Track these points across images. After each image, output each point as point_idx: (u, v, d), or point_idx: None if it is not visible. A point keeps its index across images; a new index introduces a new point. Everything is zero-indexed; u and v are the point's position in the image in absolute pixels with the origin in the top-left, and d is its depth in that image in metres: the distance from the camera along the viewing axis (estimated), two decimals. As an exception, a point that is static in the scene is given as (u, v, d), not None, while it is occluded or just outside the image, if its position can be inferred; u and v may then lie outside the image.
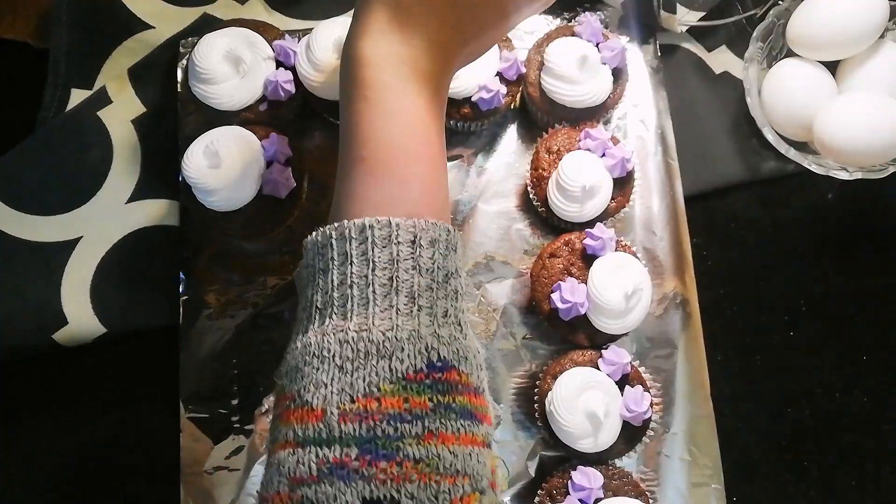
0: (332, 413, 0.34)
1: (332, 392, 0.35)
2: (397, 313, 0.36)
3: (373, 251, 0.37)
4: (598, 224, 0.59)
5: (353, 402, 0.34)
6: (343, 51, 0.42)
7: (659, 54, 0.67)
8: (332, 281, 0.38)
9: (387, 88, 0.40)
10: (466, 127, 0.63)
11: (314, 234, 0.39)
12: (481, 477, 0.35)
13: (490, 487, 0.36)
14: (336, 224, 0.38)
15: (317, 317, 0.38)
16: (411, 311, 0.37)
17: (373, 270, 0.37)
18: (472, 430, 0.36)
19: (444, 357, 0.36)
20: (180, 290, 0.62)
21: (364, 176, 0.40)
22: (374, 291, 0.37)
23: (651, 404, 0.56)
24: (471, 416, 0.36)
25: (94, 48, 0.67)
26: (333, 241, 0.38)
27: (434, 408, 0.35)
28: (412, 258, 0.37)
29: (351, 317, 0.36)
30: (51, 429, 0.62)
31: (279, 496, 0.34)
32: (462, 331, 0.38)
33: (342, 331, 0.36)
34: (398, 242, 0.37)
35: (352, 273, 0.37)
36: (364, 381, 0.35)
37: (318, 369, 0.36)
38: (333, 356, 0.35)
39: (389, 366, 0.35)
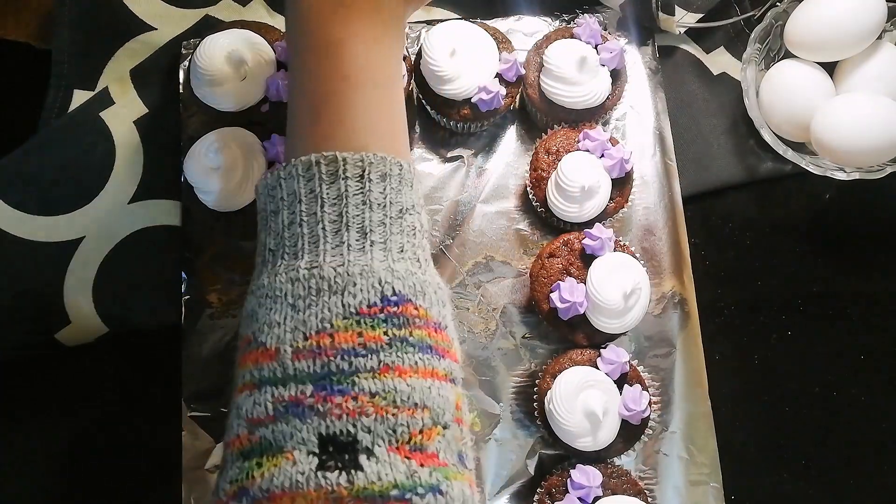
0: (285, 351, 0.34)
1: (284, 331, 0.34)
2: (349, 249, 0.36)
3: (320, 187, 0.36)
4: (596, 224, 0.59)
5: (305, 339, 0.34)
6: None
7: (657, 56, 0.67)
8: (283, 221, 0.37)
9: (327, 19, 0.39)
10: (466, 128, 0.64)
11: (264, 176, 0.39)
12: (443, 411, 0.35)
13: (455, 423, 0.35)
14: (284, 164, 0.38)
15: (270, 259, 0.37)
16: (363, 247, 0.36)
17: (321, 207, 0.36)
18: (432, 363, 0.35)
19: (399, 291, 0.35)
20: (182, 289, 0.62)
21: (308, 111, 0.39)
22: (323, 228, 0.36)
23: (649, 403, 0.57)
24: (430, 349, 0.35)
25: (96, 49, 0.67)
26: (282, 182, 0.37)
27: (390, 341, 0.34)
28: (361, 193, 0.37)
29: (302, 255, 0.36)
30: (52, 428, 0.62)
31: (238, 439, 0.34)
32: (421, 266, 0.37)
33: (293, 269, 0.36)
34: (346, 177, 0.36)
35: (301, 211, 0.37)
36: (316, 317, 0.34)
37: (271, 309, 0.35)
38: (285, 295, 0.35)
39: (342, 301, 0.34)
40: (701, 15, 0.67)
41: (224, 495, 0.34)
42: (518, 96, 0.65)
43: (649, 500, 0.57)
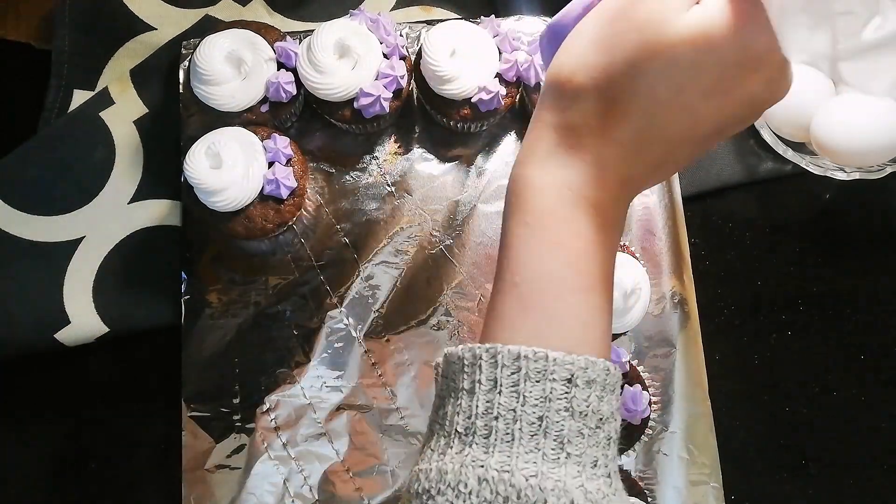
0: None
1: None
2: (543, 458, 0.34)
3: (524, 384, 0.35)
4: (596, 224, 0.59)
5: None
6: (511, 173, 0.40)
7: (657, 55, 0.67)
8: (477, 407, 0.35)
9: (547, 215, 0.37)
10: (466, 128, 0.64)
11: (460, 348, 0.37)
12: None
13: None
14: (488, 346, 0.36)
15: (456, 440, 0.35)
16: (559, 458, 0.34)
17: (522, 405, 0.34)
18: None
19: None
20: (182, 289, 0.62)
21: (515, 302, 0.37)
22: (520, 429, 0.34)
23: (649, 403, 0.57)
24: None
25: (96, 49, 0.67)
26: (482, 364, 0.36)
27: None
28: (566, 398, 0.35)
29: (493, 452, 0.34)
30: (52, 428, 0.62)
31: None
32: (612, 485, 0.35)
33: (482, 466, 0.34)
34: (553, 379, 0.35)
35: (500, 404, 0.35)
36: None
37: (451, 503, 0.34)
38: (470, 493, 0.33)
39: None
40: (701, 15, 0.67)
41: None
42: (518, 96, 0.64)
43: (649, 500, 0.57)
